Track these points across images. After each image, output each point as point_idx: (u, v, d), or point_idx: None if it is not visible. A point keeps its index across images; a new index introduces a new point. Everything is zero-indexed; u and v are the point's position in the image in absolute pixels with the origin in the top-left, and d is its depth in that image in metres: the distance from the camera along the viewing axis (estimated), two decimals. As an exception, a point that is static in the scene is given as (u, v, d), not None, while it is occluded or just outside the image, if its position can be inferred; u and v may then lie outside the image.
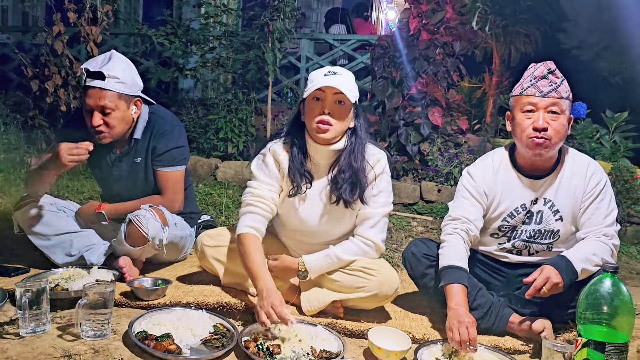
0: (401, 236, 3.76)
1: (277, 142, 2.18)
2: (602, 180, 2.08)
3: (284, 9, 5.26)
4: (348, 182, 2.09)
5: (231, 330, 1.88)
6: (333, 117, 2.02)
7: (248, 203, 2.12)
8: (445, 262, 2.05)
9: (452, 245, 2.09)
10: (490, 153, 2.27)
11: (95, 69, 2.23)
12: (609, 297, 1.54)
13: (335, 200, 2.13)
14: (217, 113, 5.36)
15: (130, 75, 2.31)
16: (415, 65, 5.16)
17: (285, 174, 2.14)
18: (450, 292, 1.97)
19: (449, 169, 4.78)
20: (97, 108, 2.25)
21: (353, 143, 2.10)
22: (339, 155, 2.12)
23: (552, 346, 1.74)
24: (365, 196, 2.12)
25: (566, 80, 2.05)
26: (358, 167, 2.09)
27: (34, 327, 1.78)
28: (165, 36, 5.76)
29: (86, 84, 2.25)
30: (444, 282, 2.00)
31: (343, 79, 2.03)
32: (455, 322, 1.84)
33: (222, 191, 4.51)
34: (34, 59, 5.32)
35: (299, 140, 2.13)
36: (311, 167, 2.15)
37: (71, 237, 2.39)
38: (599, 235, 2.02)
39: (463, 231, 2.12)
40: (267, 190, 2.13)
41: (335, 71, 2.05)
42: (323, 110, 2.01)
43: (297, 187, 2.13)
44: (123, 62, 2.32)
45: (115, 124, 2.29)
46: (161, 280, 2.22)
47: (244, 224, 2.07)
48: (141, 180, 2.49)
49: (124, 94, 2.29)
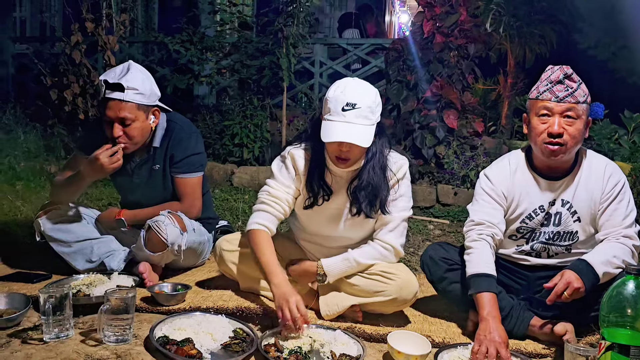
0: (418, 240, 3.75)
1: (297, 147, 2.17)
2: (621, 181, 2.05)
3: (297, 15, 5.28)
4: (368, 198, 2.09)
5: (251, 335, 1.89)
6: (350, 153, 2.00)
7: (262, 201, 2.14)
8: (474, 270, 2.02)
9: (479, 252, 2.06)
10: (507, 155, 2.26)
11: (114, 80, 2.25)
12: (632, 300, 1.52)
13: (356, 212, 2.13)
14: (233, 119, 5.40)
15: (148, 86, 2.33)
16: (430, 68, 5.14)
17: (303, 182, 2.14)
18: (481, 301, 1.94)
19: (465, 172, 4.75)
20: (117, 119, 2.27)
21: (373, 159, 2.08)
22: (359, 170, 2.11)
23: (575, 350, 1.72)
24: (386, 207, 2.11)
25: (584, 84, 2.02)
26: (377, 182, 2.07)
27: (57, 332, 1.81)
28: (180, 43, 5.82)
29: (105, 95, 2.26)
30: (474, 291, 1.97)
31: (360, 118, 1.93)
32: (485, 338, 1.82)
33: (238, 196, 4.54)
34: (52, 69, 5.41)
35: (318, 154, 2.12)
36: (331, 181, 2.14)
37: (92, 243, 2.43)
38: (618, 236, 1.99)
39: (489, 236, 2.09)
40: (284, 192, 2.14)
41: (355, 103, 1.93)
42: (341, 148, 1.99)
43: (314, 199, 2.13)
44: (141, 72, 2.34)
45: (135, 134, 2.32)
46: (181, 286, 2.24)
47: (255, 220, 2.09)
48: (160, 187, 2.52)
49: (142, 105, 2.31)
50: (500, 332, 1.84)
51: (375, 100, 2.00)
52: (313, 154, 2.12)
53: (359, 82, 2.03)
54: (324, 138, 1.96)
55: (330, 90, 2.01)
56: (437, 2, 5.16)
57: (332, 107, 1.96)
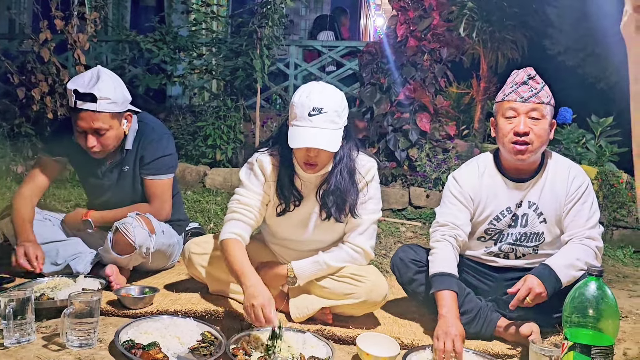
0: (390, 242, 3.77)
1: (264, 153, 2.14)
2: (584, 184, 2.10)
3: (272, 16, 5.26)
4: (336, 202, 2.09)
5: (219, 338, 1.87)
6: (318, 158, 1.99)
7: (233, 210, 2.11)
8: (435, 269, 2.06)
9: (441, 252, 2.10)
10: (475, 158, 2.30)
11: (85, 90, 2.17)
12: (594, 301, 1.55)
13: (325, 217, 2.13)
14: (206, 120, 5.35)
15: (120, 93, 2.27)
16: (403, 72, 5.19)
17: (272, 186, 2.12)
18: (440, 299, 1.97)
19: (437, 175, 4.80)
20: (91, 130, 2.22)
21: (340, 162, 2.07)
22: (327, 176, 2.10)
23: (540, 350, 1.75)
24: (356, 210, 2.11)
25: (547, 86, 2.08)
26: (345, 186, 2.07)
27: (18, 337, 1.76)
28: (153, 43, 5.73)
29: (77, 106, 2.18)
30: (434, 289, 2.01)
31: (326, 122, 1.92)
32: (442, 333, 1.85)
33: (210, 198, 4.50)
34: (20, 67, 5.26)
35: (286, 160, 2.10)
36: (300, 186, 2.13)
37: (57, 245, 2.38)
38: (582, 238, 2.04)
39: (452, 237, 2.13)
40: (254, 199, 2.12)
41: (321, 107, 1.91)
42: (308, 153, 1.98)
43: (286, 205, 2.12)
44: (111, 79, 2.27)
45: (110, 142, 2.29)
46: (148, 289, 2.21)
47: (228, 230, 2.06)
48: (129, 189, 2.48)
49: (116, 113, 2.26)
50: (457, 326, 1.87)
51: (342, 103, 1.98)
52: (281, 160, 2.11)
53: (324, 86, 2.00)
54: (292, 144, 1.94)
55: (296, 95, 1.99)
56: (411, 6, 5.22)
57: (298, 113, 1.94)
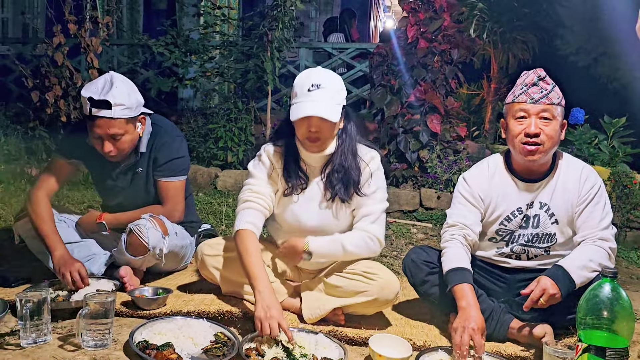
0: (401, 243, 3.76)
1: (269, 144, 2.23)
2: (597, 184, 2.09)
3: (282, 19, 5.29)
4: (341, 181, 2.14)
5: (232, 339, 1.88)
6: (320, 133, 2.05)
7: (246, 199, 2.14)
8: (448, 266, 2.06)
9: (452, 250, 2.10)
10: (486, 159, 2.30)
11: (99, 97, 2.18)
12: (608, 302, 1.54)
13: (331, 197, 2.16)
14: (217, 122, 5.38)
15: (134, 98, 2.28)
16: (414, 73, 5.18)
17: (280, 174, 2.18)
18: (459, 293, 1.97)
19: (448, 176, 4.79)
20: (107, 136, 2.24)
21: (343, 143, 2.14)
22: (331, 156, 2.15)
23: (553, 352, 1.74)
24: (362, 191, 2.15)
25: (558, 87, 2.07)
26: (349, 165, 2.13)
27: (35, 337, 1.78)
28: (165, 46, 5.79)
29: (92, 113, 2.19)
30: (451, 285, 2.01)
31: (325, 97, 2.01)
32: (461, 326, 1.85)
33: (222, 200, 4.52)
34: (34, 70, 5.33)
35: (291, 144, 2.17)
36: (306, 169, 2.19)
37: (72, 247, 2.39)
38: (595, 239, 2.02)
39: (461, 236, 2.13)
40: (265, 187, 2.17)
41: (319, 84, 2.02)
42: (309, 129, 2.04)
43: (293, 187, 2.17)
44: (125, 84, 2.28)
45: (126, 146, 2.31)
46: (162, 290, 2.23)
47: (243, 219, 2.09)
48: (142, 190, 2.50)
49: (130, 118, 2.28)
50: (477, 319, 1.87)
51: (340, 84, 2.09)
52: (286, 148, 2.18)
53: (323, 69, 2.12)
54: (292, 117, 2.02)
55: (296, 78, 2.10)
56: (421, 7, 5.21)
57: (298, 91, 2.05)
